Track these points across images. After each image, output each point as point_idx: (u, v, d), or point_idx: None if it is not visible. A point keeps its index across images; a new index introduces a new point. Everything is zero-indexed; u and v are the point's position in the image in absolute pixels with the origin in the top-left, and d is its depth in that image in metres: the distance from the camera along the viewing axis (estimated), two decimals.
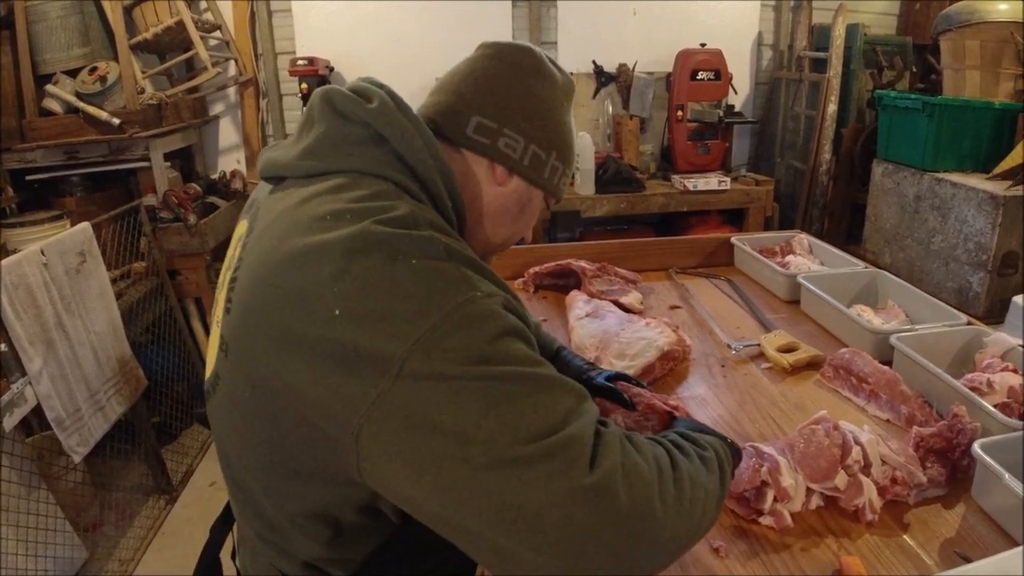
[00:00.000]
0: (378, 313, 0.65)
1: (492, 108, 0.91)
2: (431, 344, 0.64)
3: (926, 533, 1.05)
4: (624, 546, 0.64)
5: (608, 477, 0.65)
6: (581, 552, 0.63)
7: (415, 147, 0.82)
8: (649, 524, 0.66)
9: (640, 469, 0.68)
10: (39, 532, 2.17)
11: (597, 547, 0.63)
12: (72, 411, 2.28)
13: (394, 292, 0.67)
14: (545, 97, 0.93)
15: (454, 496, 0.63)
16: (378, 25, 3.76)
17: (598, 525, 0.63)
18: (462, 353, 0.65)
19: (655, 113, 3.96)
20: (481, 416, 0.63)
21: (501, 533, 0.63)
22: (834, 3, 3.64)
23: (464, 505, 0.63)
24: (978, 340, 1.49)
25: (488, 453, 0.63)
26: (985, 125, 2.76)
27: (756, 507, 1.08)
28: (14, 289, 2.09)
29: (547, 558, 0.63)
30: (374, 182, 0.79)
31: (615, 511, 0.64)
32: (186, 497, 2.93)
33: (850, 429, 1.15)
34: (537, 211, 1.00)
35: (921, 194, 2.86)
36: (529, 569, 0.63)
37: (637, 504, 0.66)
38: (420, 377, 0.64)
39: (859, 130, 3.70)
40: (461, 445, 0.63)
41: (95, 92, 3.08)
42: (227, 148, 3.95)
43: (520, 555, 0.63)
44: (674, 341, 1.59)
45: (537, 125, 0.92)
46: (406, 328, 0.65)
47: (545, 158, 0.93)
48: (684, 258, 2.28)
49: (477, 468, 0.63)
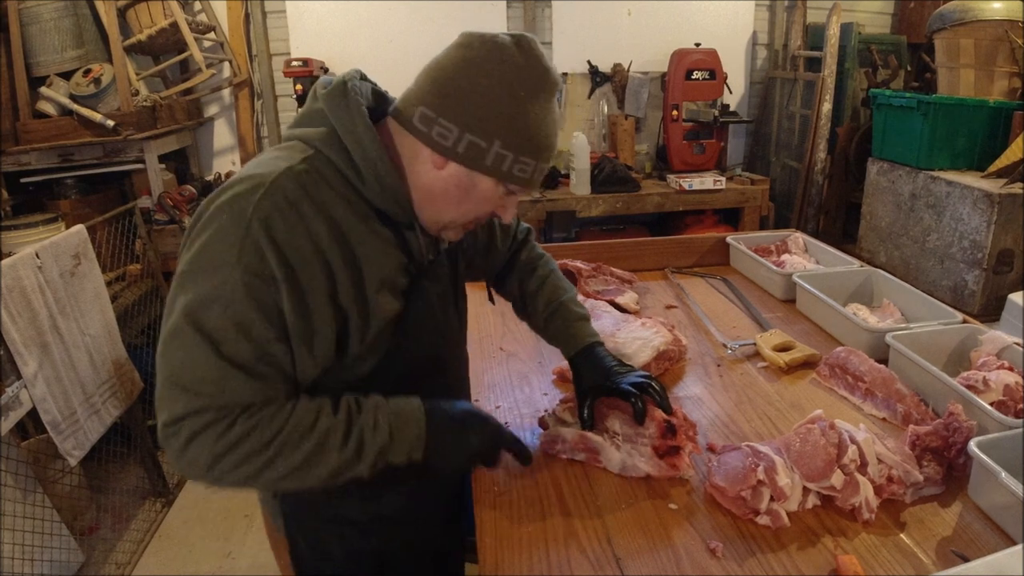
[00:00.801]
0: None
1: (433, 98, 0.97)
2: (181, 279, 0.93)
3: (923, 532, 1.05)
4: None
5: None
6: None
7: (353, 132, 0.97)
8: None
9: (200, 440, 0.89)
10: (35, 536, 2.17)
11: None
12: (68, 414, 2.28)
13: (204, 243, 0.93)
14: (490, 88, 0.95)
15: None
16: (372, 26, 3.76)
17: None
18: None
19: (650, 113, 3.96)
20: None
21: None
22: (828, 2, 3.64)
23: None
24: (973, 338, 1.49)
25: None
26: (980, 123, 2.77)
27: (753, 507, 1.08)
28: (9, 292, 2.08)
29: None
30: (305, 150, 0.98)
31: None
32: (182, 500, 2.93)
33: (846, 428, 1.15)
34: (491, 195, 1.02)
35: (916, 192, 2.86)
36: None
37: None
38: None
39: (854, 129, 3.70)
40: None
41: (89, 94, 3.07)
42: (222, 150, 3.94)
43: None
44: (670, 341, 1.59)
45: (476, 115, 0.95)
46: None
47: (485, 146, 0.96)
48: (680, 258, 2.28)
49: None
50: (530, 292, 1.40)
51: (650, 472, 1.19)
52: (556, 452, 1.27)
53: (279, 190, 0.92)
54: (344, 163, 0.98)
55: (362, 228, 0.99)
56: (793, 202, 3.88)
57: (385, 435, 0.98)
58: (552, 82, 1.01)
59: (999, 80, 2.85)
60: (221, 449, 0.89)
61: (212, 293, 0.89)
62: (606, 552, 1.04)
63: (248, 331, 0.89)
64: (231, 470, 0.90)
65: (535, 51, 1.00)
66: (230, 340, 0.89)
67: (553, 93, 1.02)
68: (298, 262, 0.92)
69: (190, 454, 0.89)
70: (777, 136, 4.08)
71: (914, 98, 2.85)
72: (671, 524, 1.09)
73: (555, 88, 1.02)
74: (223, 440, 0.88)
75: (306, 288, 0.93)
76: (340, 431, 0.95)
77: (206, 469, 0.90)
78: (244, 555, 2.60)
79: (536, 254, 1.46)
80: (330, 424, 0.95)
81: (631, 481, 1.20)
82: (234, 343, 0.89)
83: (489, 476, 1.22)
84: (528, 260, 1.45)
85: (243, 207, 0.90)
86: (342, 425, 0.96)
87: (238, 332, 0.89)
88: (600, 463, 1.23)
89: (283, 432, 0.91)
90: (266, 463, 0.91)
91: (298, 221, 0.92)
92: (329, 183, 0.97)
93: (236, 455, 0.89)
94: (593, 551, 1.04)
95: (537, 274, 1.42)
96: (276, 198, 0.91)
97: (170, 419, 0.89)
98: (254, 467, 0.91)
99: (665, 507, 1.13)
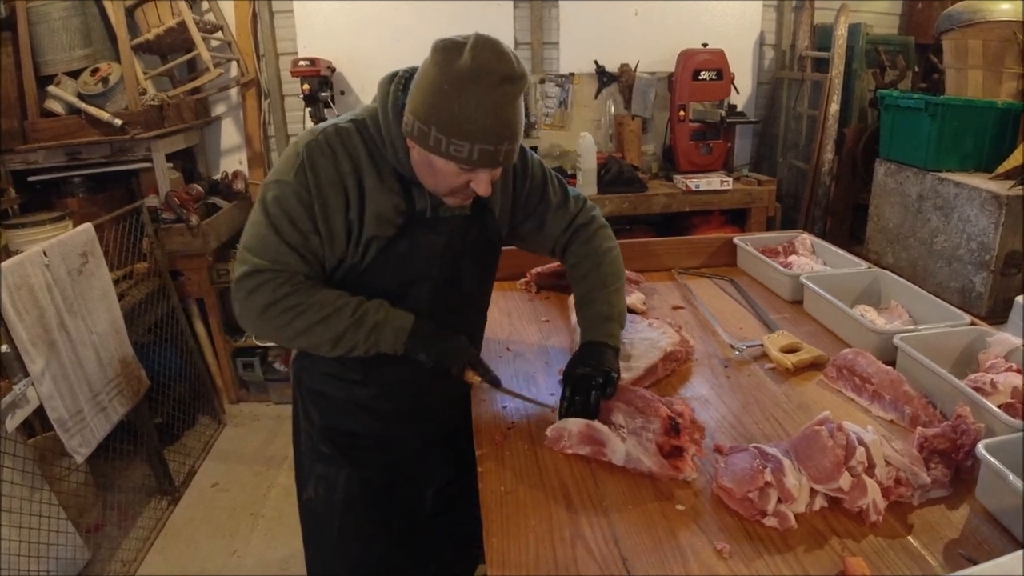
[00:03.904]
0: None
1: (408, 94, 1.23)
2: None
3: (930, 534, 1.05)
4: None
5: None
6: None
7: (385, 113, 1.29)
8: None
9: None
10: (42, 533, 2.17)
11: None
12: (74, 412, 2.29)
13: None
14: (432, 81, 1.16)
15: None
16: (380, 25, 3.76)
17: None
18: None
19: (657, 113, 3.95)
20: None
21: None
22: (836, 3, 3.63)
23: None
24: (981, 340, 1.48)
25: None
26: (988, 125, 2.76)
27: (760, 508, 1.08)
28: (16, 290, 2.09)
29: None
30: (356, 117, 1.34)
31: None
32: (188, 498, 2.94)
33: (854, 430, 1.15)
34: (447, 170, 1.23)
35: (924, 194, 2.85)
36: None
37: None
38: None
39: (861, 130, 3.69)
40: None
41: (97, 93, 3.08)
42: (229, 149, 3.95)
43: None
44: (677, 342, 1.59)
45: (420, 105, 1.19)
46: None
47: (427, 130, 1.18)
48: (687, 258, 2.28)
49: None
50: (575, 279, 1.57)
51: (652, 468, 1.19)
52: (561, 448, 1.27)
53: (324, 136, 1.29)
54: (375, 132, 1.31)
55: (375, 175, 1.31)
56: (800, 203, 3.87)
57: (381, 315, 1.32)
58: (490, 77, 1.13)
59: (1007, 81, 2.84)
60: (272, 299, 1.27)
61: (276, 193, 1.28)
62: (612, 552, 1.04)
63: (295, 223, 1.27)
64: (274, 317, 1.28)
65: (486, 51, 1.14)
66: (285, 227, 1.27)
67: (491, 87, 1.14)
68: (325, 184, 1.28)
69: (251, 301, 1.28)
70: (784, 137, 4.07)
71: (922, 99, 2.83)
72: (678, 525, 1.09)
73: (493, 83, 1.14)
74: (275, 294, 1.27)
75: (329, 203, 1.28)
76: (351, 305, 1.31)
77: (259, 313, 1.28)
78: (250, 553, 2.60)
79: (594, 244, 1.57)
80: (346, 301, 1.31)
81: (638, 482, 1.20)
82: (288, 229, 1.27)
83: (496, 475, 1.23)
84: (585, 245, 1.57)
85: (301, 142, 1.30)
86: (353, 302, 1.31)
87: (290, 223, 1.27)
88: (606, 456, 1.24)
89: (314, 298, 1.29)
90: (297, 314, 1.27)
91: (331, 157, 1.28)
92: (362, 140, 1.31)
93: (280, 307, 1.27)
94: (600, 551, 1.04)
95: (585, 264, 1.55)
96: (320, 141, 1.29)
97: (243, 273, 1.28)
98: (289, 316, 1.28)
99: (672, 508, 1.13)
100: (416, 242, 1.37)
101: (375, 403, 1.53)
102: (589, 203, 1.62)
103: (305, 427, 1.61)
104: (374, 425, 1.56)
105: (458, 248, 1.43)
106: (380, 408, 1.54)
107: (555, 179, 1.57)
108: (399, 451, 1.59)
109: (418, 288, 1.41)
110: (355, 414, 1.55)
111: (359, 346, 1.31)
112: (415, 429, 1.59)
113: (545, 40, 3.90)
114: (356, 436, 1.57)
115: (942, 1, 3.56)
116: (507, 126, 1.18)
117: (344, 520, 1.59)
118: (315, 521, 1.65)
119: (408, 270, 1.39)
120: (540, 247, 1.62)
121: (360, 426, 1.56)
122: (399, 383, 1.51)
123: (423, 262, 1.40)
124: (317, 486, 1.60)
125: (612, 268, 1.55)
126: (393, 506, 1.61)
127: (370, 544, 1.61)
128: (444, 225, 1.40)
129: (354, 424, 1.56)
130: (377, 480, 1.58)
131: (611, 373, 1.34)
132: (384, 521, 1.60)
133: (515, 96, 1.18)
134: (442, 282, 1.43)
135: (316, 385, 1.56)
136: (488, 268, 1.56)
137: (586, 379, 1.33)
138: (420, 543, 1.67)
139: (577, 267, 1.56)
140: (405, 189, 1.35)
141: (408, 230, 1.36)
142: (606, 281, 1.52)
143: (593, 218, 1.60)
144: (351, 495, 1.57)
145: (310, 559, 1.72)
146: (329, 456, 1.57)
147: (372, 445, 1.57)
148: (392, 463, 1.59)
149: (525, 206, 1.53)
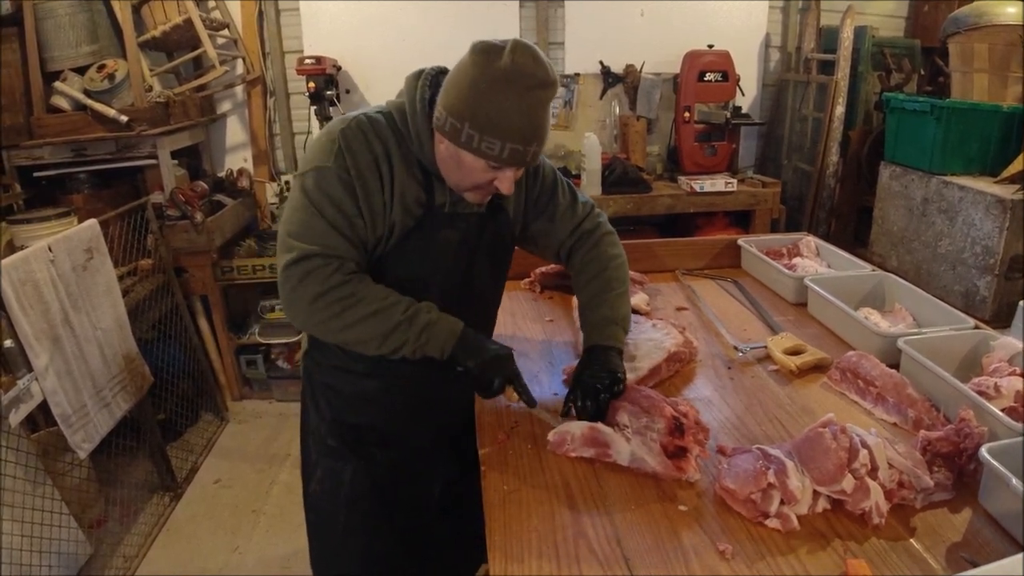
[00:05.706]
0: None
1: (441, 90, 1.27)
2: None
3: (933, 537, 1.05)
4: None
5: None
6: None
7: (412, 107, 1.33)
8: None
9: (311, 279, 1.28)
10: (44, 528, 2.18)
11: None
12: (78, 407, 2.29)
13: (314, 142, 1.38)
14: (472, 80, 1.20)
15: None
16: (385, 24, 3.76)
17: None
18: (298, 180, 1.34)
19: (662, 114, 3.95)
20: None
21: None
22: (842, 5, 3.63)
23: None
24: (985, 344, 1.48)
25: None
26: (993, 128, 2.75)
27: (762, 509, 1.08)
28: (21, 285, 2.09)
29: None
30: (384, 109, 1.38)
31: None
32: (191, 494, 2.94)
33: (857, 432, 1.15)
34: (475, 166, 1.26)
35: (928, 197, 2.85)
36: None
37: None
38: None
39: (867, 132, 3.68)
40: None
41: (103, 89, 3.09)
42: (234, 146, 3.96)
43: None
44: (681, 343, 1.59)
45: (456, 102, 1.22)
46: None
47: (460, 127, 1.22)
48: (690, 259, 2.28)
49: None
50: (579, 285, 1.59)
51: (656, 468, 1.19)
52: (565, 451, 1.27)
53: (355, 123, 1.33)
54: (402, 124, 1.35)
55: (402, 163, 1.34)
56: (804, 205, 3.86)
57: (433, 316, 1.32)
58: (527, 81, 1.18)
59: (1013, 85, 2.84)
60: (324, 288, 1.26)
61: (317, 179, 1.29)
62: (615, 552, 1.04)
63: (340, 206, 1.28)
64: (324, 307, 1.26)
65: (525, 56, 1.18)
66: (329, 211, 1.28)
67: (526, 90, 1.19)
68: (363, 166, 1.30)
69: (302, 289, 1.26)
70: (789, 139, 4.06)
71: (927, 102, 2.83)
72: (680, 525, 1.09)
73: (529, 86, 1.19)
74: (327, 282, 1.26)
75: (369, 185, 1.30)
76: (404, 303, 1.31)
77: (310, 302, 1.26)
78: (251, 550, 2.61)
79: (600, 250, 1.58)
80: (397, 298, 1.31)
81: (641, 482, 1.20)
82: (332, 213, 1.28)
83: (499, 474, 1.23)
84: (591, 251, 1.59)
85: (334, 128, 1.33)
86: (405, 300, 1.32)
87: (334, 206, 1.28)
88: (610, 457, 1.24)
89: (366, 291, 1.29)
90: (348, 306, 1.27)
91: (364, 142, 1.31)
92: (390, 129, 1.35)
93: (332, 296, 1.26)
94: (602, 551, 1.04)
95: (590, 269, 1.57)
96: (352, 127, 1.32)
97: (290, 260, 1.27)
98: (340, 307, 1.27)
99: (675, 508, 1.13)
100: (433, 236, 1.40)
101: (382, 396, 1.54)
102: (597, 209, 1.63)
103: (314, 421, 1.61)
104: (381, 419, 1.57)
105: (473, 244, 1.45)
106: (387, 402, 1.54)
107: (565, 182, 1.59)
108: (405, 448, 1.60)
109: (430, 283, 1.42)
110: (363, 408, 1.56)
111: (407, 345, 1.30)
112: (422, 426, 1.60)
113: (550, 40, 3.90)
114: (363, 430, 1.58)
115: (948, 4, 3.55)
116: (538, 128, 1.23)
117: (349, 515, 1.60)
118: (320, 515, 1.66)
119: (422, 263, 1.40)
120: (547, 249, 1.63)
121: (367, 420, 1.57)
122: (406, 377, 1.50)
123: (437, 256, 1.42)
124: (323, 480, 1.61)
125: (617, 273, 1.56)
126: (398, 503, 1.61)
127: (373, 540, 1.62)
128: (461, 221, 1.42)
129: (362, 418, 1.57)
130: (383, 476, 1.59)
131: (618, 374, 1.35)
132: (388, 517, 1.61)
133: (547, 101, 1.23)
134: (454, 278, 1.45)
135: (326, 378, 1.57)
136: (500, 267, 1.58)
137: (595, 384, 1.33)
138: (423, 541, 1.67)
139: (582, 272, 1.57)
140: (427, 182, 1.37)
141: (426, 222, 1.38)
142: (610, 285, 1.53)
143: (599, 224, 1.61)
144: (356, 490, 1.57)
145: (314, 553, 1.73)
146: (336, 450, 1.58)
147: (379, 440, 1.57)
148: (398, 460, 1.60)
149: (536, 205, 1.55)
